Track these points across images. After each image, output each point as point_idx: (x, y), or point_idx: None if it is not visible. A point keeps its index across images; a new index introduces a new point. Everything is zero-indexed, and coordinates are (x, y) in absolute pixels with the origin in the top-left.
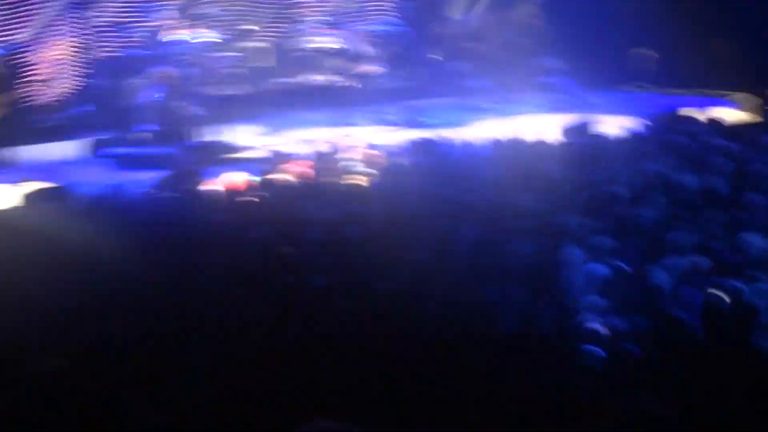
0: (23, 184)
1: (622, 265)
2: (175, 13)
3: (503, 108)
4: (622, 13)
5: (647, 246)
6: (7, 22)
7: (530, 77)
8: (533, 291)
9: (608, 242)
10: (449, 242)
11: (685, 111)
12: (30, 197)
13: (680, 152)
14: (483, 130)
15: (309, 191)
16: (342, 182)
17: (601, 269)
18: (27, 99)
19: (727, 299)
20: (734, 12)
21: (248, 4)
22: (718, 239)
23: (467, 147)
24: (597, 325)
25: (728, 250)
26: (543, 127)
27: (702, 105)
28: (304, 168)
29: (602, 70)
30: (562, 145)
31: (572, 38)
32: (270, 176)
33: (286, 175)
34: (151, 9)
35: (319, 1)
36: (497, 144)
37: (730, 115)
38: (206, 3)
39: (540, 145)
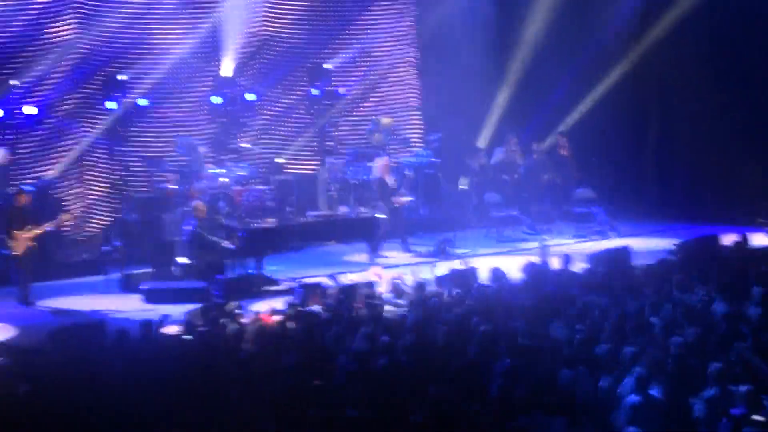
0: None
1: (658, 394)
2: (206, 148)
3: (536, 237)
4: (653, 141)
5: (682, 375)
6: (39, 158)
7: (562, 207)
8: (570, 421)
9: (643, 372)
10: (482, 373)
11: (718, 239)
12: (60, 333)
13: (714, 280)
14: (515, 260)
15: (340, 322)
16: (373, 313)
17: (637, 399)
18: (59, 233)
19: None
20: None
21: (279, 137)
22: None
23: (500, 277)
24: None
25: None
26: (575, 255)
27: (735, 233)
28: (335, 299)
29: (634, 200)
30: (595, 274)
31: (603, 169)
32: (301, 307)
33: (316, 306)
34: (181, 143)
35: (351, 134)
36: (530, 273)
37: (764, 242)
38: (236, 137)
39: (573, 273)
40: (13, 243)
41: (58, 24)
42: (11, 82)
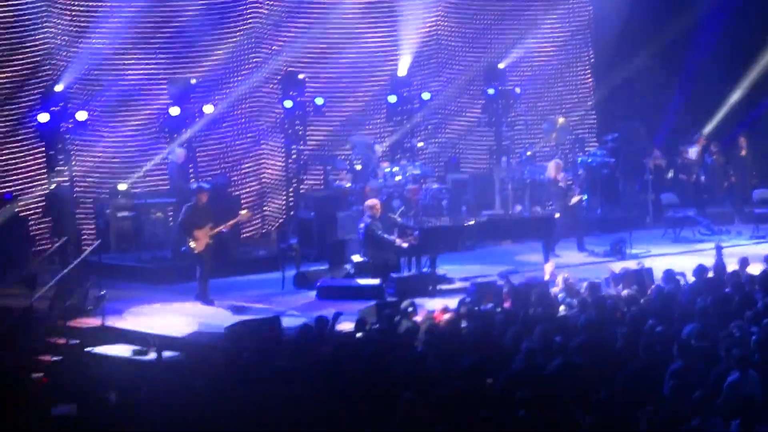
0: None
1: None
2: (381, 146)
3: (712, 238)
4: None
5: None
6: (217, 156)
7: (741, 208)
8: (744, 424)
9: None
10: (656, 375)
11: None
12: (236, 329)
13: None
14: (692, 262)
15: (515, 322)
16: (547, 312)
17: None
18: (237, 231)
19: None
20: None
21: (455, 136)
22: None
23: (674, 278)
24: None
25: None
26: (753, 257)
27: None
28: (508, 298)
29: None
30: None
31: None
32: (475, 306)
33: (490, 305)
34: (357, 142)
35: (527, 133)
36: (707, 275)
37: None
38: (411, 136)
39: (750, 275)
40: (194, 241)
41: (238, 23)
42: (191, 80)
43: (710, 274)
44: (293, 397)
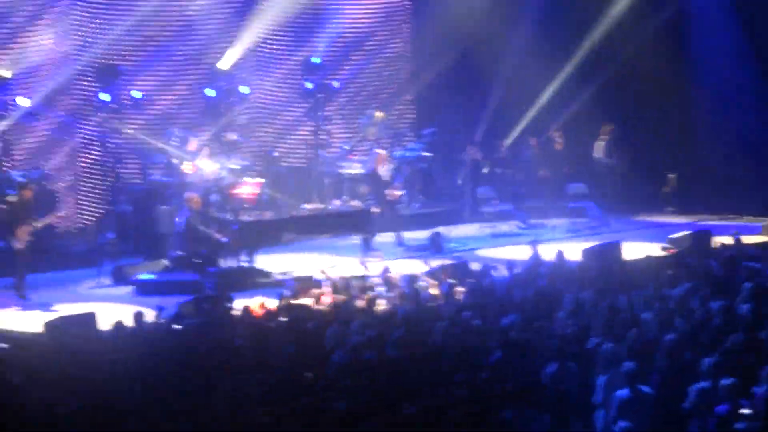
0: (47, 310)
1: (648, 389)
2: (199, 139)
3: (530, 233)
4: (648, 142)
5: (672, 370)
6: (35, 148)
7: (556, 202)
8: (559, 416)
9: (634, 366)
10: (475, 366)
11: (710, 235)
12: (54, 324)
13: (705, 277)
14: (509, 255)
15: (332, 316)
16: (365, 307)
17: (627, 393)
18: (51, 225)
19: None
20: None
21: (274, 130)
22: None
23: (493, 272)
24: None
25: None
26: (569, 251)
27: (728, 231)
28: (327, 292)
29: (628, 196)
30: (588, 269)
31: (597, 163)
32: (293, 301)
33: (309, 300)
34: (173, 134)
35: (345, 127)
36: (523, 268)
37: (758, 240)
38: (230, 130)
39: (566, 269)
40: (15, 238)
41: (52, 16)
42: (2, 73)
43: (522, 267)
44: (109, 392)
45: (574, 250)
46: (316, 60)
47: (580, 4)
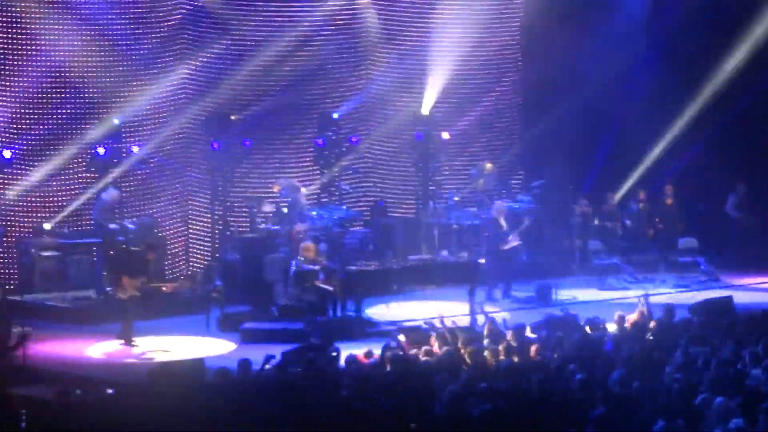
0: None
1: None
2: (307, 189)
3: (637, 286)
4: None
5: None
6: (141, 197)
7: (666, 257)
8: None
9: (743, 423)
10: (581, 421)
11: None
12: (160, 371)
13: None
14: (617, 309)
15: (438, 366)
16: (471, 358)
17: None
18: (161, 276)
19: None
20: None
21: (380, 178)
22: None
23: (599, 325)
24: None
25: None
26: (678, 306)
27: None
28: (434, 342)
29: (738, 250)
30: (697, 324)
31: (708, 218)
32: (400, 351)
33: (415, 350)
34: (284, 185)
35: (453, 178)
36: (631, 323)
37: None
38: (339, 179)
39: (674, 324)
40: (120, 289)
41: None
42: (115, 121)
43: (632, 322)
44: None
45: (683, 305)
46: (425, 112)
47: (698, 52)
